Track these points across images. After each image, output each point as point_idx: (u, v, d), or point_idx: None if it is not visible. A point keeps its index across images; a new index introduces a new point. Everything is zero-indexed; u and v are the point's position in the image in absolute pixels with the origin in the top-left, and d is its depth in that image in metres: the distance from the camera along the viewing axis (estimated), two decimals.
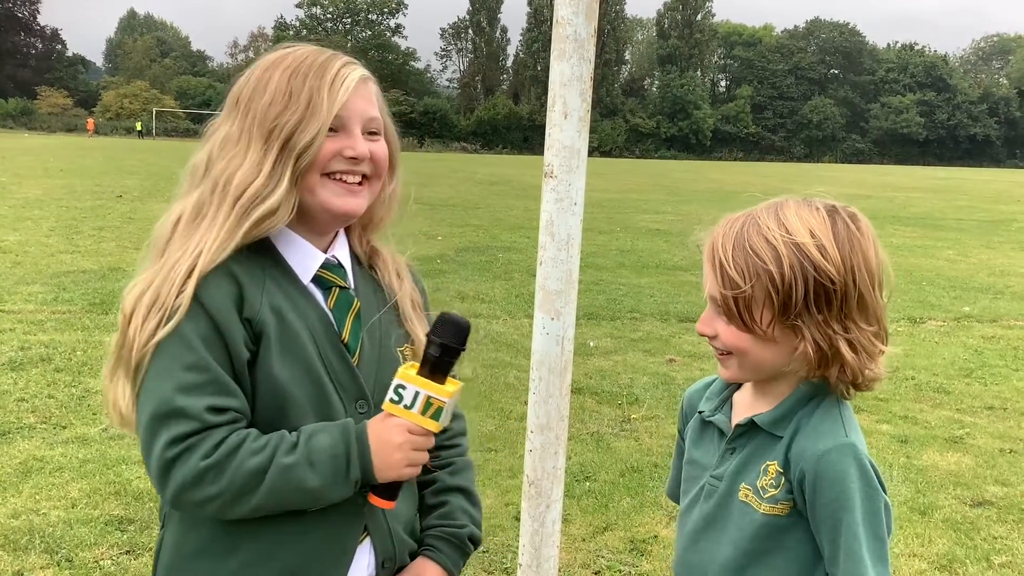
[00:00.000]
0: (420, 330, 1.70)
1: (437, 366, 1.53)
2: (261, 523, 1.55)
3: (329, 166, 1.58)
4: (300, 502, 1.52)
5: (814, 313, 1.48)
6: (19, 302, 8.89)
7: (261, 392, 1.54)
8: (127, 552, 3.91)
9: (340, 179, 1.60)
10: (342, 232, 1.73)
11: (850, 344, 1.49)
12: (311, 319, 1.59)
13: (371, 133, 1.64)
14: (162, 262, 1.53)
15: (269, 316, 1.53)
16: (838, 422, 1.54)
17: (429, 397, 1.51)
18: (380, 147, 1.65)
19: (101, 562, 3.83)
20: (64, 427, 5.44)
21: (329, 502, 1.54)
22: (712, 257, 1.55)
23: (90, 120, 76.91)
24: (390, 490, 1.57)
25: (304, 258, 1.63)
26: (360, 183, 1.63)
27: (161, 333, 1.47)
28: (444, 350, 1.52)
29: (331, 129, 1.57)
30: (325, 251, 1.67)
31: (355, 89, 1.60)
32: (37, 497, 4.45)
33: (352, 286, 1.69)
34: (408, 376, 1.52)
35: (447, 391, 1.52)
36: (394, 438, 1.52)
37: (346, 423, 1.54)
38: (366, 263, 1.78)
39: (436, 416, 1.52)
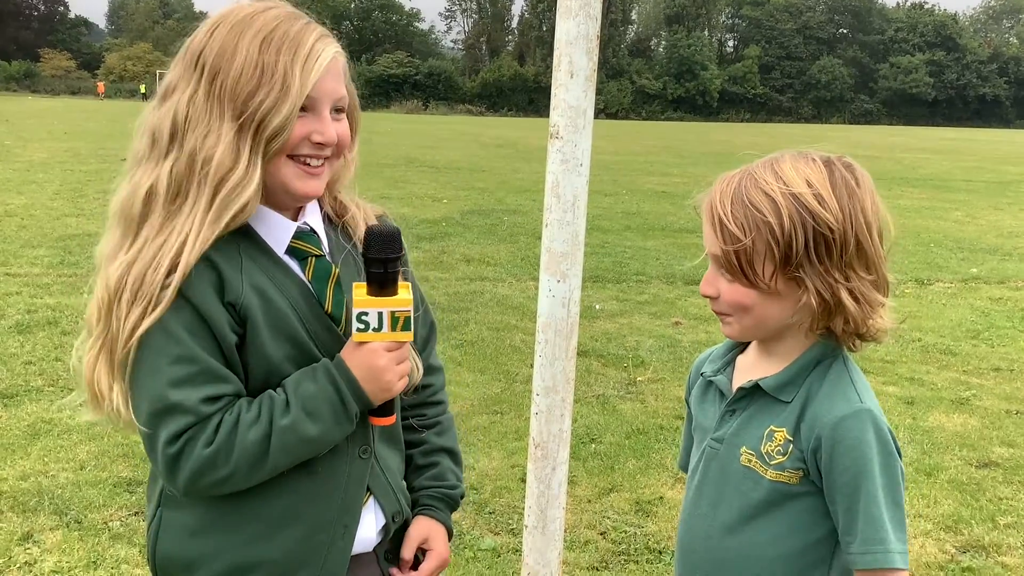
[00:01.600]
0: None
1: (385, 280, 1.52)
2: (265, 497, 1.56)
3: (296, 149, 1.52)
4: (310, 452, 1.54)
5: (815, 262, 1.48)
6: (25, 265, 8.91)
7: (255, 373, 1.53)
8: (136, 513, 3.94)
9: (304, 162, 1.54)
10: None
11: (851, 293, 1.49)
12: (292, 293, 1.56)
13: (337, 111, 1.57)
14: (142, 242, 1.48)
15: (252, 297, 1.50)
16: (851, 387, 1.53)
17: (393, 312, 1.52)
18: (344, 126, 1.59)
19: (110, 523, 3.86)
20: (71, 390, 5.44)
21: (336, 442, 1.56)
22: (711, 215, 1.54)
23: (100, 83, 76.70)
24: (385, 407, 1.60)
25: (276, 230, 1.58)
26: (322, 164, 1.57)
27: (144, 325, 1.44)
28: (385, 263, 1.52)
29: (300, 109, 1.49)
30: (295, 219, 1.62)
31: (327, 67, 1.51)
32: (45, 459, 4.48)
33: (328, 251, 1.65)
34: (364, 301, 1.52)
35: (405, 300, 1.53)
36: (378, 362, 1.52)
37: (324, 364, 1.54)
38: (338, 221, 1.72)
39: (406, 327, 1.53)
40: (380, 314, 1.51)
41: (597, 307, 8.20)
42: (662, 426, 5.26)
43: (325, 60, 1.50)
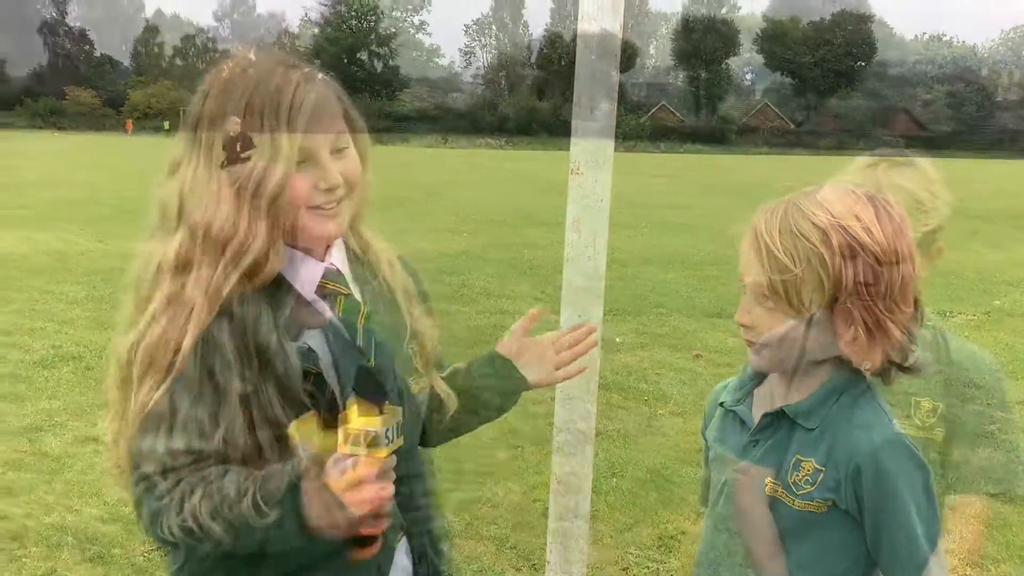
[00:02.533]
0: (417, 322, 1.69)
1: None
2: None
3: (310, 200, 1.50)
4: (253, 542, 1.42)
5: (863, 294, 1.48)
6: (51, 301, 8.99)
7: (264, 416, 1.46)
8: (158, 549, 3.94)
9: (318, 207, 1.52)
10: None
11: (897, 325, 1.50)
12: (321, 333, 1.54)
13: (337, 150, 1.54)
14: (150, 317, 1.46)
15: (273, 341, 1.47)
16: (883, 414, 1.55)
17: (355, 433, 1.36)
18: (349, 163, 1.56)
19: (133, 559, 3.87)
20: (95, 424, 5.49)
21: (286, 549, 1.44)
22: (757, 244, 1.53)
23: (129, 121, 78.10)
24: (366, 537, 1.43)
25: (305, 272, 1.56)
26: (336, 204, 1.55)
27: (153, 400, 1.43)
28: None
29: (298, 162, 1.47)
30: (322, 259, 1.60)
31: (312, 113, 1.47)
32: (69, 494, 4.50)
33: (355, 290, 1.64)
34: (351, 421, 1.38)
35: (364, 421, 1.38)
36: (329, 500, 1.37)
37: (291, 485, 1.40)
38: (363, 256, 1.71)
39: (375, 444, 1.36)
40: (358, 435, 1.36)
41: (617, 340, 8.18)
42: (684, 460, 5.22)
43: (308, 107, 1.47)
